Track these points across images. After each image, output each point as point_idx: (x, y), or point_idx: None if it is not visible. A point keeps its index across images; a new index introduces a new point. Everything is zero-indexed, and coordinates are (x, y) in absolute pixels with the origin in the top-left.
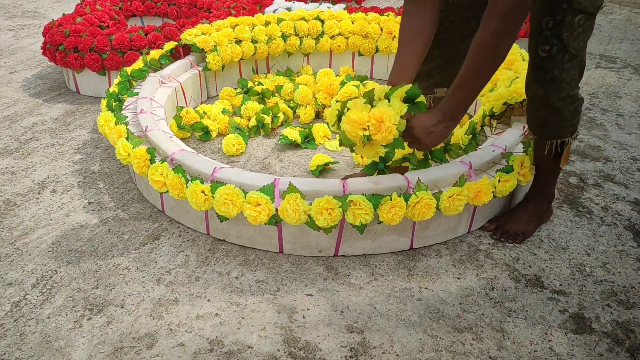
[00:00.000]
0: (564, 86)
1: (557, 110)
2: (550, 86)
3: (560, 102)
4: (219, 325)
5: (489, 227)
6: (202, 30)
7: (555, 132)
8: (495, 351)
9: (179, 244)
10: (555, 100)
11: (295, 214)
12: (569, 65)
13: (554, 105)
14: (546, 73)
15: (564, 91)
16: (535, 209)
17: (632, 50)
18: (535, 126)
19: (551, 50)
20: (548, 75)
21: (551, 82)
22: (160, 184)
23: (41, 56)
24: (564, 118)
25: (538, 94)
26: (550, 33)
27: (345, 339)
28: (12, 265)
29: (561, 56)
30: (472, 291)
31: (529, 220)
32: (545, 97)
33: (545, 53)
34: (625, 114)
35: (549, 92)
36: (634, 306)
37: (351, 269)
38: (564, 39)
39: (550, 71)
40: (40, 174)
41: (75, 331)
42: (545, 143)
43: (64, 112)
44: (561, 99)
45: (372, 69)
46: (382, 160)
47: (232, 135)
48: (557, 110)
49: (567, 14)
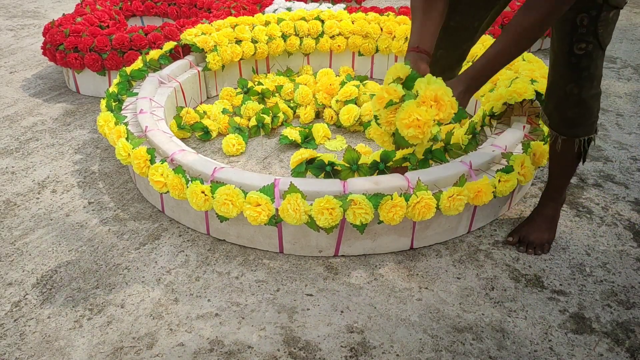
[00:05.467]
0: (595, 83)
1: (589, 108)
2: (585, 84)
3: (592, 100)
4: (219, 325)
5: (512, 240)
6: (202, 30)
7: (585, 130)
8: (495, 351)
9: (179, 244)
10: (588, 98)
11: (296, 214)
12: (600, 62)
13: (587, 103)
14: (582, 71)
15: (595, 88)
16: (554, 215)
17: (632, 50)
18: (566, 126)
19: (587, 47)
20: (584, 73)
21: (587, 80)
22: (160, 184)
23: (41, 56)
24: (593, 115)
25: (573, 93)
26: (586, 30)
27: (345, 339)
28: (12, 265)
29: (597, 53)
30: (472, 291)
31: (550, 227)
32: (580, 96)
33: (581, 51)
34: (625, 114)
35: (584, 90)
36: (634, 306)
37: (351, 269)
38: (599, 35)
39: (587, 69)
40: (40, 174)
41: (75, 331)
42: (574, 142)
43: (64, 112)
44: (592, 96)
45: (372, 69)
46: (382, 160)
47: (232, 135)
48: (589, 107)
49: (602, 10)
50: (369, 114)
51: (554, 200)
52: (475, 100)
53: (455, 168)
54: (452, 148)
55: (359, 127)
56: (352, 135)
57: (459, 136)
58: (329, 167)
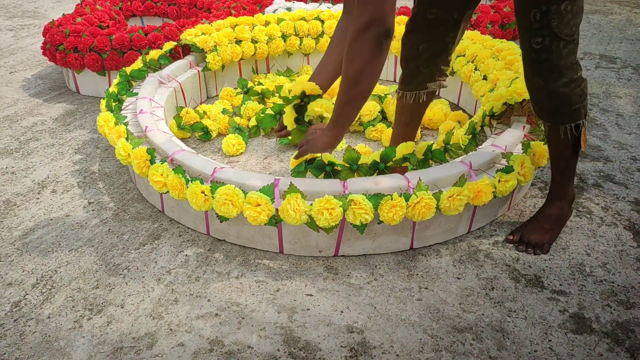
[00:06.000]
0: (564, 72)
1: (564, 97)
2: (551, 76)
3: (565, 88)
4: (219, 325)
5: (513, 239)
6: (202, 30)
7: (568, 117)
8: (495, 351)
9: (179, 244)
10: (558, 87)
11: (296, 214)
12: (567, 51)
13: (559, 92)
14: (543, 64)
15: (565, 77)
16: (559, 214)
17: (632, 50)
18: (546, 114)
19: (544, 41)
20: (545, 65)
21: (550, 72)
22: (160, 184)
23: (41, 56)
24: (573, 102)
25: (540, 85)
26: (539, 25)
27: (345, 339)
28: (12, 265)
29: (556, 45)
30: (472, 291)
31: (552, 227)
32: (548, 87)
33: (538, 45)
34: (625, 114)
35: (550, 81)
36: (634, 306)
37: (351, 269)
38: (553, 27)
39: (547, 62)
40: (40, 174)
41: (75, 331)
42: (559, 129)
43: (64, 112)
44: (564, 85)
45: None
46: (382, 160)
47: (232, 135)
48: (563, 96)
49: (552, 4)
50: (368, 114)
51: (559, 198)
52: (475, 100)
53: (455, 168)
54: (452, 148)
55: (359, 127)
56: (352, 135)
57: (459, 136)
58: (329, 167)
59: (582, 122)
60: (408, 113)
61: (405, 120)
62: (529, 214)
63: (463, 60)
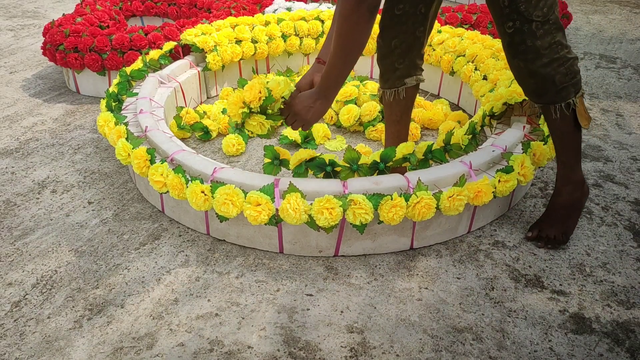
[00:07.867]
0: (543, 52)
1: (546, 77)
2: (528, 57)
3: (546, 69)
4: (219, 325)
5: (531, 236)
6: (202, 30)
7: (555, 96)
8: (495, 351)
9: (179, 244)
10: (538, 68)
11: (296, 214)
12: (542, 32)
13: (539, 73)
14: (518, 46)
15: (545, 57)
16: (570, 200)
17: (632, 50)
18: (532, 95)
19: (515, 24)
20: (521, 47)
21: (527, 52)
22: (160, 184)
23: (41, 56)
24: (557, 81)
25: (520, 66)
26: (509, 10)
27: (345, 339)
28: (12, 265)
29: (528, 27)
30: (472, 291)
31: (568, 215)
32: (528, 68)
33: (510, 29)
34: (625, 114)
35: (529, 62)
36: (634, 306)
37: (351, 269)
38: (522, 11)
39: (522, 43)
40: (40, 174)
41: (75, 331)
42: (551, 110)
43: (64, 112)
44: (544, 65)
45: (372, 69)
46: (382, 160)
47: (232, 135)
48: (545, 77)
49: None
50: (369, 114)
51: (566, 183)
52: (475, 100)
53: (455, 168)
54: (452, 148)
55: (359, 127)
56: (352, 135)
57: (459, 136)
58: (329, 167)
59: (572, 100)
60: (396, 111)
61: (395, 119)
62: (529, 214)
63: (463, 60)
